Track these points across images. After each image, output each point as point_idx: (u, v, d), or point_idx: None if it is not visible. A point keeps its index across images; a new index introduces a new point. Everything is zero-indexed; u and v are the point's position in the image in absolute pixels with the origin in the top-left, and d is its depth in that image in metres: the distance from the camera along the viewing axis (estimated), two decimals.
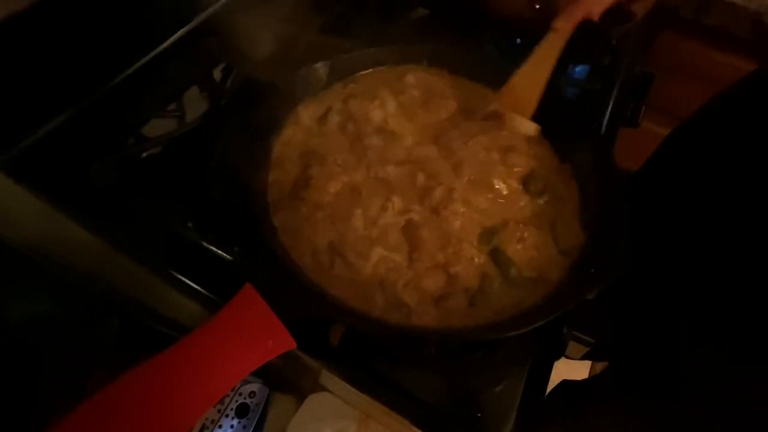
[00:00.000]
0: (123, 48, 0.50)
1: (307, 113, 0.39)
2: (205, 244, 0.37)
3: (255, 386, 0.86)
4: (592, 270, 0.30)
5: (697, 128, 0.51)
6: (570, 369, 0.80)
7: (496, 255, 0.32)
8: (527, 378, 0.34)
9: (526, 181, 0.38)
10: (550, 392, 0.84)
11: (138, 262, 0.45)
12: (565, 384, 0.75)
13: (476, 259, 0.32)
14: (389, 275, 0.31)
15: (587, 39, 0.55)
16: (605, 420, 0.56)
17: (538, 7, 0.46)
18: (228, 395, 0.84)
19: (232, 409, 0.83)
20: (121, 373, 0.26)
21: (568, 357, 0.67)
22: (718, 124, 0.48)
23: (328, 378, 0.60)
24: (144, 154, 0.47)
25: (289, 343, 0.25)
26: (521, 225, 0.34)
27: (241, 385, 0.85)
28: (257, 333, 0.24)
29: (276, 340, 0.24)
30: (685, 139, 0.53)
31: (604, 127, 0.50)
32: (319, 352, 0.34)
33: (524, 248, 0.33)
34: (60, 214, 0.45)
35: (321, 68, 0.41)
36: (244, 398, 0.86)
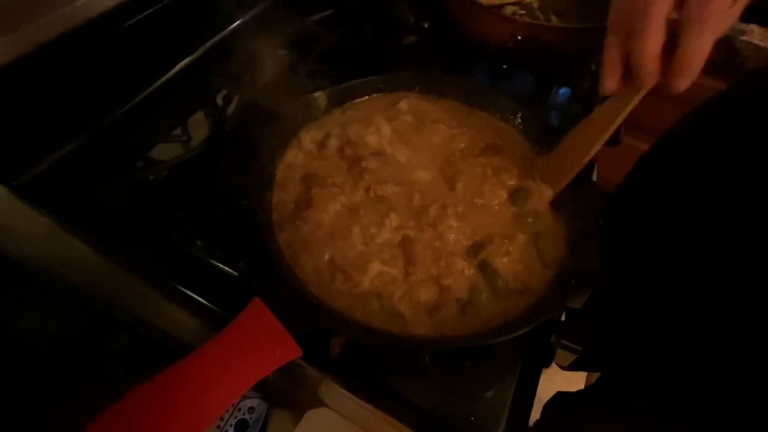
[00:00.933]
0: (131, 77, 0.54)
1: (308, 138, 0.42)
2: (212, 261, 0.39)
3: (254, 402, 0.87)
4: (572, 281, 0.32)
5: (673, 142, 0.54)
6: (566, 381, 0.81)
7: (484, 267, 0.35)
8: (517, 384, 0.36)
9: (512, 195, 0.41)
10: (545, 404, 0.85)
11: (144, 280, 0.47)
12: (559, 395, 0.76)
13: (466, 272, 0.34)
14: (386, 288, 0.34)
15: (568, 65, 0.60)
16: (601, 429, 0.57)
17: (519, 38, 0.50)
18: (227, 411, 0.84)
19: (231, 425, 0.83)
20: (131, 386, 0.28)
21: (558, 365, 0.69)
22: (692, 138, 0.51)
23: (326, 393, 0.62)
24: (151, 177, 0.50)
25: (296, 352, 0.27)
26: (507, 240, 0.36)
27: (240, 401, 0.85)
28: (266, 342, 0.26)
29: (283, 349, 0.26)
30: (662, 153, 0.56)
31: None
32: (320, 362, 0.36)
33: (510, 261, 0.35)
34: (69, 234, 0.47)
35: (320, 96, 0.44)
36: (243, 414, 0.86)
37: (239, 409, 0.88)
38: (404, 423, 0.34)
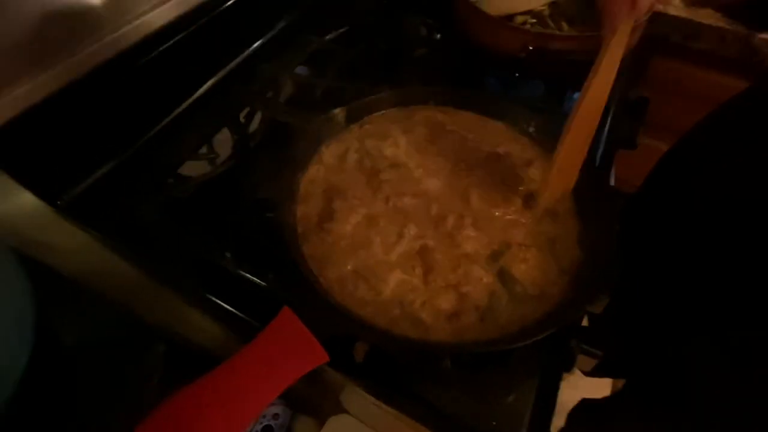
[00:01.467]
0: (160, 101, 0.57)
1: (328, 153, 0.44)
2: (241, 272, 0.41)
3: (278, 408, 0.90)
4: (589, 286, 0.33)
5: (691, 145, 0.54)
6: (591, 387, 0.80)
7: (503, 275, 0.36)
8: (538, 389, 0.36)
9: (527, 200, 0.42)
10: (570, 411, 0.84)
11: (177, 291, 0.50)
12: (584, 403, 0.75)
13: (484, 279, 0.35)
14: (407, 296, 0.35)
15: (580, 72, 0.60)
16: None
17: (531, 48, 0.51)
18: None
19: None
20: (168, 393, 0.30)
21: (581, 371, 0.69)
22: (710, 141, 0.51)
23: (348, 400, 0.63)
24: (181, 193, 0.52)
25: (324, 357, 0.29)
26: (524, 247, 0.37)
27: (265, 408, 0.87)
28: (295, 348, 0.28)
29: (312, 355, 0.28)
30: (680, 156, 0.56)
31: (600, 152, 0.54)
32: (346, 368, 0.38)
33: (528, 268, 0.36)
34: (108, 249, 0.50)
35: (339, 113, 0.46)
36: (268, 420, 0.89)
37: (264, 416, 0.90)
38: (427, 426, 0.35)
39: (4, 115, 0.42)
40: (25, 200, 0.46)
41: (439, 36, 0.71)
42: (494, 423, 0.35)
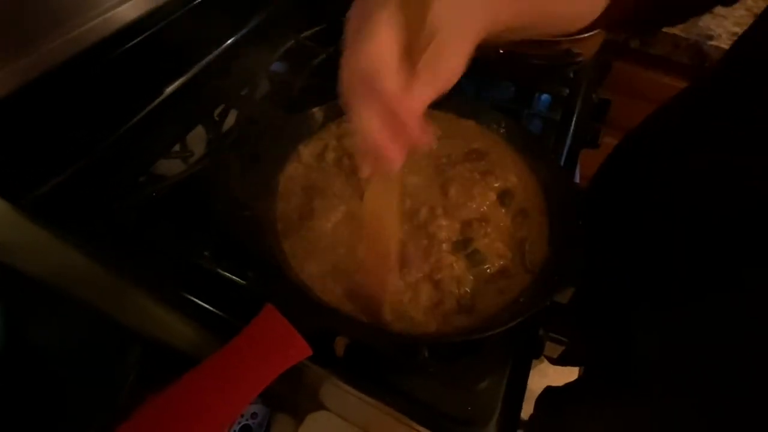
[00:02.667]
0: (131, 97, 0.56)
1: (306, 151, 0.45)
2: (220, 271, 0.41)
3: (256, 407, 0.90)
4: (555, 278, 0.35)
5: (639, 137, 0.58)
6: (559, 376, 0.84)
7: (472, 257, 0.38)
8: (509, 375, 0.39)
9: (501, 196, 0.44)
10: (537, 398, 0.89)
11: (151, 291, 0.49)
12: (548, 390, 0.79)
13: (455, 265, 0.37)
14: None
15: (547, 74, 0.63)
16: (585, 421, 0.59)
17: (501, 52, 0.53)
18: None
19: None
20: (147, 394, 0.30)
21: (546, 357, 0.72)
22: (655, 133, 0.54)
23: (327, 396, 0.64)
24: (154, 192, 0.51)
25: (307, 351, 0.29)
26: (493, 236, 0.39)
27: None
28: (279, 343, 0.29)
29: (295, 349, 0.29)
30: (630, 147, 0.59)
31: (565, 151, 0.57)
32: (327, 362, 0.39)
33: (490, 241, 0.39)
34: (77, 250, 0.48)
35: (317, 112, 0.47)
36: (247, 420, 0.88)
37: (243, 415, 0.90)
38: (405, 415, 0.37)
39: None
40: None
41: None
42: (469, 408, 0.37)
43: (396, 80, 0.23)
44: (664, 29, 0.84)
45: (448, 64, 0.25)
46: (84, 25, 0.47)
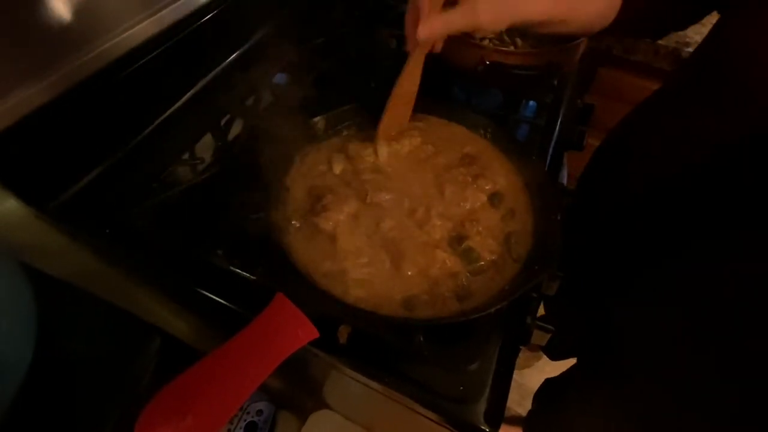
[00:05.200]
0: (144, 110, 0.60)
1: (310, 156, 0.49)
2: (232, 268, 0.45)
3: (262, 404, 0.94)
4: (536, 267, 0.39)
5: (618, 136, 0.62)
6: (556, 372, 0.87)
7: (465, 255, 0.42)
8: (498, 357, 0.42)
9: (491, 198, 0.48)
10: (535, 392, 0.92)
11: (167, 289, 0.53)
12: (547, 382, 0.83)
13: (448, 261, 0.41)
14: (384, 284, 0.40)
15: (532, 82, 0.68)
16: (579, 407, 0.62)
17: (488, 62, 0.57)
18: (236, 414, 0.89)
19: (241, 428, 0.89)
20: (165, 380, 0.33)
21: (543, 351, 0.75)
22: (632, 131, 0.58)
23: (330, 394, 0.68)
24: (166, 197, 0.55)
25: (314, 333, 0.33)
26: (484, 233, 0.43)
27: (248, 404, 0.90)
28: (290, 326, 0.33)
29: (304, 330, 0.33)
30: (611, 146, 0.63)
31: (550, 154, 0.61)
32: (331, 349, 0.42)
33: (489, 252, 0.42)
34: (95, 252, 0.52)
35: (318, 120, 0.51)
36: (252, 416, 0.93)
37: (248, 412, 0.94)
38: (403, 395, 0.41)
39: None
40: (13, 206, 0.48)
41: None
42: (461, 388, 0.40)
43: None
44: None
45: (483, 16, 0.37)
46: (101, 47, 0.51)
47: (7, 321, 0.36)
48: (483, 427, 0.38)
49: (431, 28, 0.38)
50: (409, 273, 0.40)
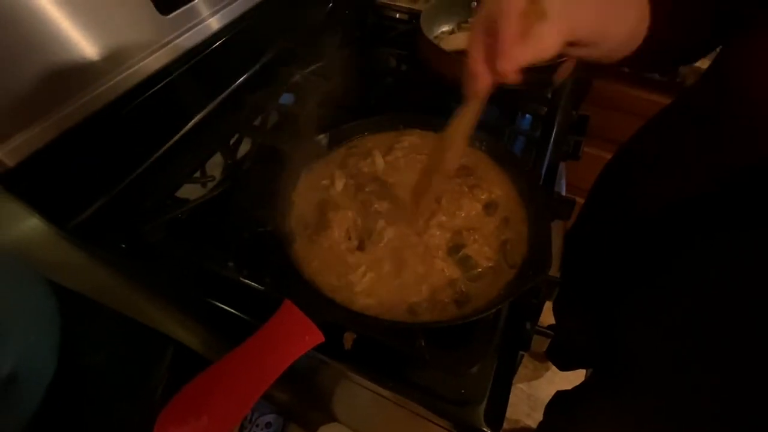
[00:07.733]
0: (157, 132, 0.63)
1: (315, 172, 0.52)
2: (241, 279, 0.48)
3: (270, 417, 0.95)
4: (530, 272, 0.41)
5: (627, 156, 0.63)
6: (567, 383, 0.87)
7: (463, 263, 0.44)
8: (497, 362, 0.44)
9: (487, 207, 0.50)
10: (547, 404, 0.91)
11: (180, 301, 0.55)
12: (558, 395, 0.82)
13: (446, 270, 0.43)
14: (382, 291, 0.42)
15: (527, 96, 0.70)
16: (593, 420, 0.62)
17: None
18: (245, 427, 0.91)
19: None
20: (177, 387, 0.35)
21: (551, 360, 0.75)
22: (641, 151, 0.59)
23: (337, 406, 0.69)
24: (179, 214, 0.58)
25: (320, 338, 0.35)
26: (481, 241, 0.45)
27: (257, 416, 0.91)
28: (297, 331, 0.35)
29: (310, 335, 0.35)
30: (619, 166, 0.64)
31: (545, 164, 0.63)
32: (337, 356, 0.44)
33: (485, 259, 0.44)
34: (111, 267, 0.55)
35: (323, 138, 0.54)
36: (261, 429, 0.94)
37: (257, 425, 0.96)
38: (408, 398, 0.42)
39: (21, 154, 0.47)
40: (36, 225, 0.51)
41: (405, 67, 0.80)
42: (462, 391, 0.42)
43: (514, 24, 0.30)
44: None
45: (548, 42, 0.31)
46: (115, 78, 0.54)
47: (35, 334, 0.39)
48: (484, 429, 0.40)
49: (523, 55, 0.30)
50: (411, 281, 0.42)
